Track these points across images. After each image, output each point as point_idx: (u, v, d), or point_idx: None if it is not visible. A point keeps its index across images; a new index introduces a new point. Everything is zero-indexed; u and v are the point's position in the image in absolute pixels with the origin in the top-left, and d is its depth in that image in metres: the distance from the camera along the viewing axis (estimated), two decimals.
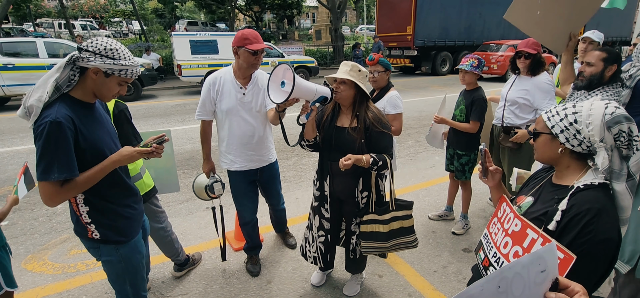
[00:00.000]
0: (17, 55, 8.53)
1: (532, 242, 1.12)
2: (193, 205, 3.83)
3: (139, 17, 20.93)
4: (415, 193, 4.05)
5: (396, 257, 2.86)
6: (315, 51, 18.73)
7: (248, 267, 2.74)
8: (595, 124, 1.09)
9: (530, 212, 1.21)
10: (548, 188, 1.24)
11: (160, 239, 2.50)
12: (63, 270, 2.76)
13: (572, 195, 1.11)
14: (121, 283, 1.73)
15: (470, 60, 2.88)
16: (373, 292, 2.49)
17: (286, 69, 1.75)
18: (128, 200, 1.65)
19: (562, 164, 1.20)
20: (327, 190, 2.15)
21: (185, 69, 10.51)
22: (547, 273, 0.73)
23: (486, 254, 1.29)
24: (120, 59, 1.41)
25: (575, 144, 1.13)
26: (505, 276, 0.72)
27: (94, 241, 1.60)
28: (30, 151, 5.52)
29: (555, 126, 1.16)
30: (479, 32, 15.65)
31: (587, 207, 1.06)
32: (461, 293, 0.72)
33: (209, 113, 2.39)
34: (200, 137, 2.54)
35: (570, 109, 1.14)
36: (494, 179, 1.44)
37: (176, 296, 2.47)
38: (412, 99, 9.77)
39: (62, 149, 1.33)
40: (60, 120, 1.32)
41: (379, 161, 1.94)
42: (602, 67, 2.15)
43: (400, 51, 15.23)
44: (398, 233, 2.12)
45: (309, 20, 42.98)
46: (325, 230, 2.25)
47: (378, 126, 1.98)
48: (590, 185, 1.10)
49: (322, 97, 1.91)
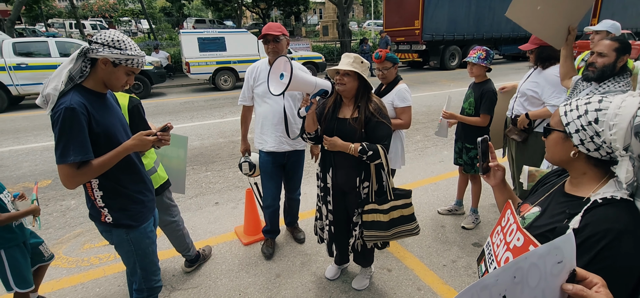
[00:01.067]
0: (30, 55, 8.70)
1: None
2: (202, 200, 3.87)
3: (147, 16, 21.13)
4: (425, 188, 4.03)
5: (405, 251, 2.86)
6: (323, 46, 18.68)
7: (263, 249, 2.89)
8: (621, 126, 0.86)
9: (536, 226, 1.03)
10: (558, 198, 1.05)
11: (172, 232, 2.54)
12: (77, 263, 2.81)
13: (588, 210, 0.91)
14: (132, 266, 1.81)
15: (477, 52, 2.85)
16: (382, 286, 2.49)
17: (286, 62, 1.77)
18: (139, 186, 1.72)
19: (576, 170, 1.00)
20: (330, 182, 2.16)
21: (194, 66, 10.59)
22: (564, 264, 0.71)
23: (487, 267, 1.13)
24: (126, 49, 1.51)
25: (592, 148, 0.93)
26: (520, 266, 0.71)
27: (107, 225, 1.68)
28: (44, 148, 5.64)
29: (571, 124, 0.95)
30: (489, 26, 15.39)
31: (605, 228, 0.86)
32: (475, 283, 0.72)
33: (248, 99, 2.69)
34: (240, 119, 2.84)
35: (594, 105, 0.92)
36: (495, 177, 1.25)
37: (186, 289, 2.51)
38: (420, 94, 9.69)
39: (77, 133, 1.42)
40: (74, 106, 1.42)
41: (369, 151, 1.94)
42: (615, 57, 2.09)
43: (408, 46, 15.08)
44: (398, 221, 2.14)
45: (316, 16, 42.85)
46: (330, 221, 2.28)
47: (377, 116, 2.00)
48: (610, 200, 0.90)
49: (322, 90, 1.93)
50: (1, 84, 8.40)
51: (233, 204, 3.76)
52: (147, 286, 1.86)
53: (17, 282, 2.01)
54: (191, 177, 4.49)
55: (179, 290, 2.50)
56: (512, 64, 16.32)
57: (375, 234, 2.13)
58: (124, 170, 1.64)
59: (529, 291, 0.71)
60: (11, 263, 1.98)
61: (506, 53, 16.75)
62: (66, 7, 28.95)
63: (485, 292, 0.72)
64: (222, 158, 5.13)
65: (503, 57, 17.87)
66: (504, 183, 1.27)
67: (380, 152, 1.97)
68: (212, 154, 5.30)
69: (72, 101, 1.42)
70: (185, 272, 2.68)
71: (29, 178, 4.52)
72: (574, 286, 0.70)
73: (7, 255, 1.98)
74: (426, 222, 3.29)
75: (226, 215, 3.54)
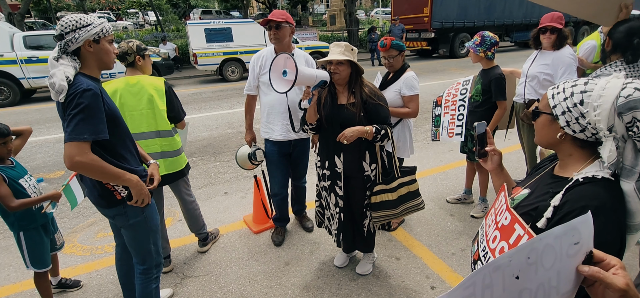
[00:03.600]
0: (40, 48, 8.81)
1: (518, 239, 0.96)
2: (212, 190, 3.92)
3: (154, 7, 21.16)
4: (433, 177, 4.01)
5: (413, 240, 2.86)
6: (330, 36, 18.53)
7: (272, 237, 2.94)
8: (605, 108, 0.88)
9: (522, 206, 1.06)
10: (546, 180, 1.08)
11: (191, 211, 2.70)
12: (91, 251, 2.88)
13: (568, 189, 0.94)
14: (146, 244, 1.85)
15: (474, 37, 2.83)
16: (391, 274, 2.50)
17: (287, 59, 1.78)
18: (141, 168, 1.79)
19: (563, 152, 1.03)
20: (340, 166, 2.17)
21: (201, 57, 10.62)
22: (581, 245, 0.69)
23: (478, 247, 1.16)
24: (93, 22, 1.53)
25: (577, 129, 0.95)
26: (535, 247, 0.69)
27: (121, 206, 1.70)
28: (57, 140, 5.75)
29: (558, 106, 0.97)
30: (500, 12, 15.03)
31: (582, 204, 0.88)
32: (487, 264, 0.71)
33: (254, 88, 2.68)
34: (244, 109, 2.83)
35: (580, 87, 0.94)
36: (492, 162, 1.27)
37: (197, 277, 2.55)
38: (429, 83, 9.58)
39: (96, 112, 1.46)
40: (91, 88, 1.46)
41: (382, 130, 2.02)
42: None
43: (417, 34, 14.84)
44: (406, 198, 2.20)
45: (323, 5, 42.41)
46: (340, 208, 2.29)
47: (374, 98, 2.07)
48: (591, 178, 0.92)
49: (322, 81, 1.96)
50: (13, 78, 8.54)
51: (242, 193, 3.79)
52: (156, 262, 1.92)
53: (33, 262, 2.11)
54: (200, 167, 4.54)
55: (191, 277, 2.55)
56: (523, 51, 15.96)
57: (384, 214, 2.18)
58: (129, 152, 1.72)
59: (543, 272, 0.69)
60: (29, 244, 2.09)
61: (518, 40, 16.39)
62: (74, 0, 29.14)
63: (497, 273, 0.70)
64: (231, 149, 5.17)
65: (515, 44, 17.50)
66: (501, 168, 1.29)
67: (389, 132, 2.06)
68: (221, 145, 5.34)
69: (89, 84, 1.46)
70: (200, 252, 2.80)
71: (43, 169, 4.62)
72: (590, 268, 0.68)
73: (26, 236, 2.07)
74: (435, 211, 3.28)
75: (235, 204, 3.58)
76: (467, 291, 0.73)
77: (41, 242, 2.13)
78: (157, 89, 2.32)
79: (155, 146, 2.35)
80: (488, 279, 0.71)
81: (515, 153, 4.49)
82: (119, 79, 2.28)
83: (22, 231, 2.07)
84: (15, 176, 2.03)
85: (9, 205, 1.91)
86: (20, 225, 2.05)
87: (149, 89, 2.28)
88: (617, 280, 0.66)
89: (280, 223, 2.96)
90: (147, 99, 2.27)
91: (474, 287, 0.73)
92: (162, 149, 2.38)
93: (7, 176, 1.97)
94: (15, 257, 2.84)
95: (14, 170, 2.05)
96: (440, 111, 3.02)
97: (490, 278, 0.71)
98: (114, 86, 2.24)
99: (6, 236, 3.13)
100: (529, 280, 0.70)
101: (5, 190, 1.91)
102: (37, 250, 2.11)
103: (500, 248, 1.02)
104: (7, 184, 1.94)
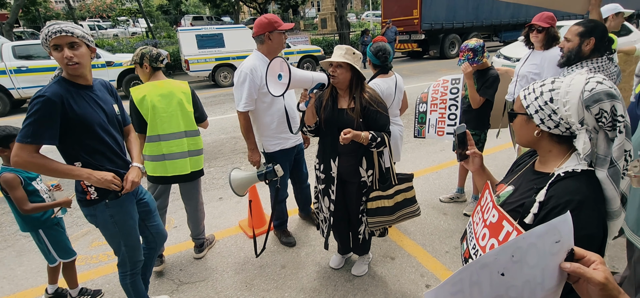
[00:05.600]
0: (30, 57, 8.71)
1: (508, 235, 0.99)
2: (206, 196, 3.91)
3: (145, 14, 21.06)
4: (426, 177, 4.06)
5: (407, 240, 2.90)
6: (321, 39, 18.59)
7: (283, 240, 2.94)
8: (573, 102, 0.94)
9: (508, 203, 1.10)
10: (529, 176, 1.12)
11: (196, 214, 2.76)
12: (86, 261, 2.87)
13: (552, 184, 0.98)
14: (116, 242, 1.93)
15: (465, 55, 2.82)
16: (386, 274, 2.53)
17: (282, 62, 1.80)
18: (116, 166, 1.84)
19: (542, 149, 1.08)
20: (335, 170, 2.19)
21: (193, 64, 10.59)
22: (562, 243, 0.72)
23: (468, 245, 1.20)
24: (42, 31, 1.63)
25: (552, 126, 1.00)
26: (519, 246, 0.72)
27: (92, 206, 1.81)
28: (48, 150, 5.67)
29: (531, 106, 1.02)
30: (488, 13, 15.25)
31: (566, 199, 0.93)
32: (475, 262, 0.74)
33: (254, 102, 2.48)
34: (244, 129, 2.55)
35: (548, 86, 1.00)
36: (474, 164, 1.31)
37: (194, 283, 2.56)
38: (420, 84, 9.67)
39: (42, 120, 1.58)
40: (46, 94, 1.58)
41: (378, 137, 2.02)
42: (578, 42, 2.12)
43: (408, 36, 14.98)
44: (402, 205, 2.22)
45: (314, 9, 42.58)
46: (331, 211, 2.32)
47: (374, 105, 2.06)
48: (571, 173, 0.97)
49: (319, 83, 1.96)
50: (2, 88, 8.43)
51: (237, 198, 3.80)
52: (130, 260, 1.99)
53: (60, 254, 2.24)
54: None
55: (187, 284, 2.55)
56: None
57: (380, 220, 2.19)
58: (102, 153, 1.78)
59: (528, 269, 0.73)
60: (51, 239, 2.23)
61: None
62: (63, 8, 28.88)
63: (484, 270, 0.74)
64: (225, 154, 5.17)
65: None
66: (482, 168, 1.33)
67: (386, 139, 2.05)
68: (215, 151, 5.34)
69: (48, 91, 1.60)
70: (196, 258, 2.80)
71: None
72: (572, 264, 0.72)
73: (46, 233, 2.19)
74: (428, 211, 3.32)
75: (230, 209, 3.59)
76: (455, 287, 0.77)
77: (62, 233, 2.28)
78: (185, 93, 2.52)
79: (184, 145, 2.50)
80: (475, 276, 0.74)
81: (506, 151, 4.57)
82: (146, 85, 2.44)
83: (41, 229, 2.17)
84: (29, 178, 2.12)
85: (23, 208, 2.01)
86: (39, 223, 2.15)
87: (178, 94, 2.47)
88: (596, 275, 0.70)
89: (284, 225, 3.00)
90: (177, 102, 2.45)
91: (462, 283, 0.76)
92: (188, 148, 2.54)
93: (22, 177, 2.06)
94: (8, 269, 2.82)
95: (28, 173, 2.13)
96: (425, 107, 3.04)
97: (478, 275, 0.74)
98: (143, 92, 2.39)
99: (1, 249, 3.10)
100: (515, 277, 0.73)
101: (21, 193, 2.02)
102: (61, 242, 2.25)
103: (490, 245, 1.06)
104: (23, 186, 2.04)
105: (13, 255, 3.01)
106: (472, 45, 2.78)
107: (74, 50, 1.64)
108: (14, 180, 2.01)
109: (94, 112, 1.74)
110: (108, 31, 26.82)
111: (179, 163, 2.49)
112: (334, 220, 2.34)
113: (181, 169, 2.50)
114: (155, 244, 2.21)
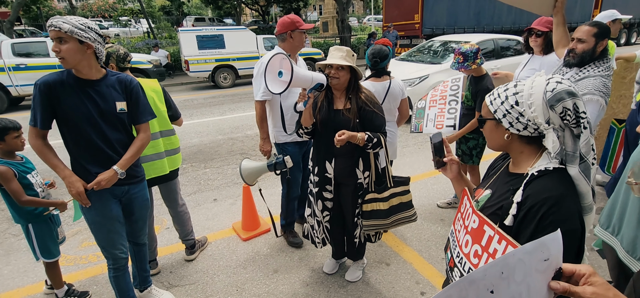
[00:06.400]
0: (29, 55, 8.69)
1: (490, 240, 0.99)
2: (201, 197, 3.86)
3: (146, 15, 21.09)
4: (424, 182, 4.01)
5: (403, 245, 2.84)
6: (323, 42, 18.61)
7: (290, 240, 2.89)
8: (537, 104, 0.96)
9: (487, 207, 1.09)
10: (504, 179, 1.12)
11: (180, 216, 2.68)
12: (75, 261, 2.81)
13: (527, 183, 0.99)
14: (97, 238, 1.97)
15: (455, 58, 2.78)
16: (381, 280, 2.47)
17: (283, 59, 1.75)
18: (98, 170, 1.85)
19: (514, 151, 1.09)
20: (331, 172, 2.14)
21: (193, 64, 10.56)
22: (551, 261, 0.72)
23: (452, 254, 1.18)
24: None
25: (521, 128, 1.01)
26: (508, 263, 0.71)
27: None
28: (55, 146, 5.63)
29: (498, 110, 1.04)
30: (489, 18, 15.26)
31: (544, 197, 0.94)
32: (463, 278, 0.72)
33: (269, 93, 2.49)
34: (258, 118, 2.58)
35: (512, 90, 1.02)
36: (451, 171, 1.31)
37: (184, 286, 2.50)
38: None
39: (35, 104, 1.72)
40: (38, 82, 1.70)
41: (374, 138, 1.98)
42: (594, 42, 2.14)
43: (409, 40, 14.98)
44: (397, 208, 2.16)
45: (316, 12, 42.69)
46: (329, 210, 2.26)
47: (370, 105, 2.03)
48: (544, 171, 0.99)
49: (318, 84, 1.92)
50: (1, 85, 8.40)
51: (231, 200, 3.75)
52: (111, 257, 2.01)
53: (42, 252, 2.23)
54: (190, 174, 4.49)
55: (177, 286, 2.49)
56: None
57: (375, 223, 2.14)
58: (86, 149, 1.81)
59: (515, 286, 0.71)
60: (38, 236, 2.19)
61: None
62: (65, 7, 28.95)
63: (473, 287, 0.72)
64: (221, 155, 5.12)
65: None
66: (461, 175, 1.34)
67: (382, 140, 2.02)
68: (211, 152, 5.29)
69: (41, 79, 1.71)
70: (187, 261, 2.75)
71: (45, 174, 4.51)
72: (561, 284, 0.71)
73: (35, 228, 2.18)
74: (425, 216, 3.27)
75: (224, 211, 3.53)
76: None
77: (49, 233, 2.25)
78: (156, 92, 2.40)
79: (160, 146, 2.41)
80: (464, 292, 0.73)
81: None
82: None
83: (30, 223, 2.16)
84: (24, 171, 2.12)
85: (20, 199, 2.03)
86: (32, 216, 2.15)
87: (149, 93, 2.31)
88: (584, 292, 0.69)
89: (292, 226, 2.95)
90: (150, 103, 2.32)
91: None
92: (165, 148, 2.46)
93: (17, 171, 2.06)
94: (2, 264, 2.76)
95: (23, 166, 2.15)
96: (423, 103, 3.00)
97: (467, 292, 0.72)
98: None
99: None
100: (502, 294, 0.72)
101: (16, 185, 2.03)
102: (46, 241, 2.22)
103: (474, 251, 1.05)
104: (17, 179, 2.05)
105: (0, 253, 2.96)
106: (464, 49, 2.72)
107: (60, 45, 1.63)
108: (7, 172, 2.01)
109: (82, 106, 1.74)
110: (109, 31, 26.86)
111: (158, 164, 2.40)
112: (331, 223, 2.28)
113: (160, 170, 2.41)
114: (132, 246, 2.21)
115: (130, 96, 1.91)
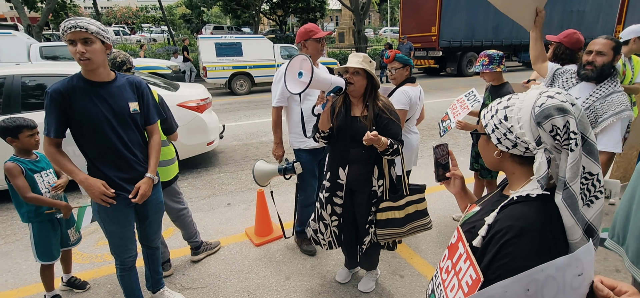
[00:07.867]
0: (56, 58, 9.04)
1: (459, 257, 0.93)
2: (215, 201, 3.89)
3: (167, 22, 21.70)
4: (439, 194, 3.93)
5: (418, 258, 2.77)
6: (338, 53, 18.71)
7: (304, 248, 2.88)
8: (525, 120, 0.85)
9: (468, 223, 1.02)
10: (494, 198, 1.04)
11: (181, 218, 2.67)
12: (90, 260, 2.85)
13: (503, 207, 0.90)
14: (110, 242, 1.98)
15: (481, 59, 2.79)
16: (394, 292, 2.41)
17: (304, 60, 1.75)
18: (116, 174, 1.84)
19: (506, 170, 0.98)
20: (343, 178, 2.12)
21: (211, 71, 10.76)
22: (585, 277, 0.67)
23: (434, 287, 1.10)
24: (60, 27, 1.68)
25: (510, 146, 0.90)
26: (535, 278, 0.65)
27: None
28: None
29: (488, 125, 0.94)
30: (508, 32, 15.07)
31: (508, 225, 0.84)
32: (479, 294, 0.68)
33: (285, 100, 2.60)
34: (273, 123, 2.67)
35: (503, 103, 0.92)
36: (455, 186, 1.21)
37: (195, 289, 2.50)
38: (436, 100, 9.55)
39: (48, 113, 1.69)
40: (49, 90, 1.67)
41: (395, 144, 1.96)
42: (613, 56, 2.12)
43: (425, 52, 14.91)
44: (413, 216, 2.12)
45: (332, 23, 43.07)
46: (338, 215, 2.23)
47: (387, 113, 2.02)
48: (525, 197, 0.87)
49: (337, 87, 1.92)
50: None
51: (245, 205, 3.75)
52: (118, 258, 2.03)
53: (39, 254, 2.23)
54: (204, 178, 4.53)
55: (188, 289, 2.49)
56: (531, 72, 15.88)
57: (390, 232, 2.10)
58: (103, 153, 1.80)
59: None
60: (37, 237, 2.19)
61: (526, 60, 16.33)
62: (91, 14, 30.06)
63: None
64: (236, 160, 5.16)
65: (522, 64, 17.44)
66: (464, 191, 1.24)
67: (399, 148, 2.00)
68: (226, 157, 5.34)
69: (51, 87, 1.68)
70: (193, 262, 2.76)
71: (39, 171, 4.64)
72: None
73: (35, 228, 2.19)
74: (441, 229, 3.19)
75: (238, 216, 3.54)
76: None
77: (48, 236, 2.24)
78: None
79: None
80: None
81: None
82: None
83: (31, 223, 2.18)
84: (32, 170, 2.14)
85: (25, 195, 2.05)
86: (29, 217, 2.16)
87: None
88: None
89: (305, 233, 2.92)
90: None
91: None
92: None
93: (25, 168, 2.09)
94: (14, 263, 2.83)
95: (33, 164, 2.17)
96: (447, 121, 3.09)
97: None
98: None
99: (8, 242, 3.13)
100: None
101: (22, 182, 2.05)
102: (44, 243, 2.22)
103: (446, 266, 1.00)
104: (24, 176, 2.07)
105: (20, 248, 3.03)
106: (490, 51, 2.78)
107: (87, 46, 1.65)
108: (14, 169, 2.05)
109: (95, 108, 1.73)
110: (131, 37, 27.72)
111: None
112: (341, 231, 2.25)
113: None
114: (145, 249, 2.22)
115: (142, 96, 1.92)
